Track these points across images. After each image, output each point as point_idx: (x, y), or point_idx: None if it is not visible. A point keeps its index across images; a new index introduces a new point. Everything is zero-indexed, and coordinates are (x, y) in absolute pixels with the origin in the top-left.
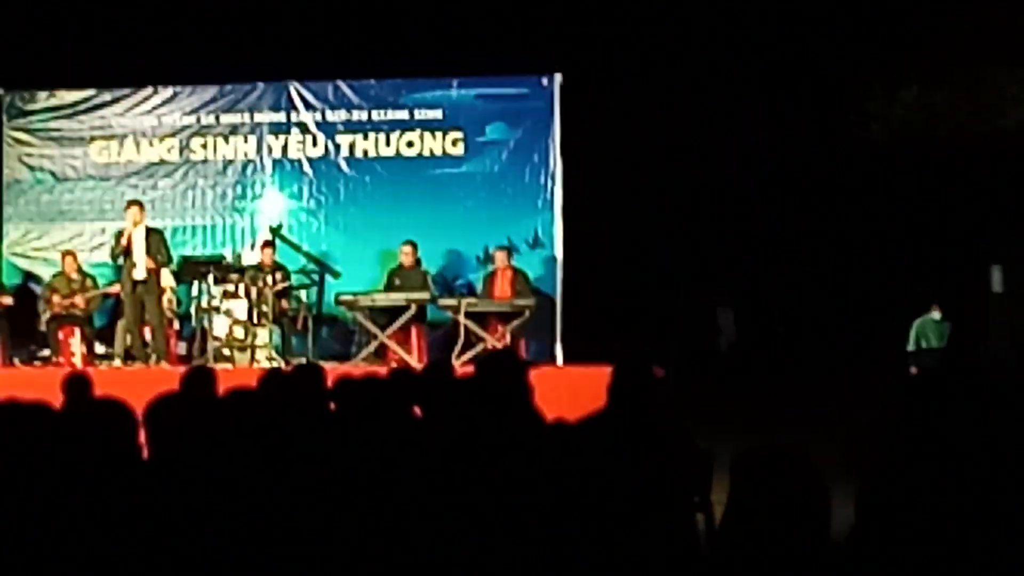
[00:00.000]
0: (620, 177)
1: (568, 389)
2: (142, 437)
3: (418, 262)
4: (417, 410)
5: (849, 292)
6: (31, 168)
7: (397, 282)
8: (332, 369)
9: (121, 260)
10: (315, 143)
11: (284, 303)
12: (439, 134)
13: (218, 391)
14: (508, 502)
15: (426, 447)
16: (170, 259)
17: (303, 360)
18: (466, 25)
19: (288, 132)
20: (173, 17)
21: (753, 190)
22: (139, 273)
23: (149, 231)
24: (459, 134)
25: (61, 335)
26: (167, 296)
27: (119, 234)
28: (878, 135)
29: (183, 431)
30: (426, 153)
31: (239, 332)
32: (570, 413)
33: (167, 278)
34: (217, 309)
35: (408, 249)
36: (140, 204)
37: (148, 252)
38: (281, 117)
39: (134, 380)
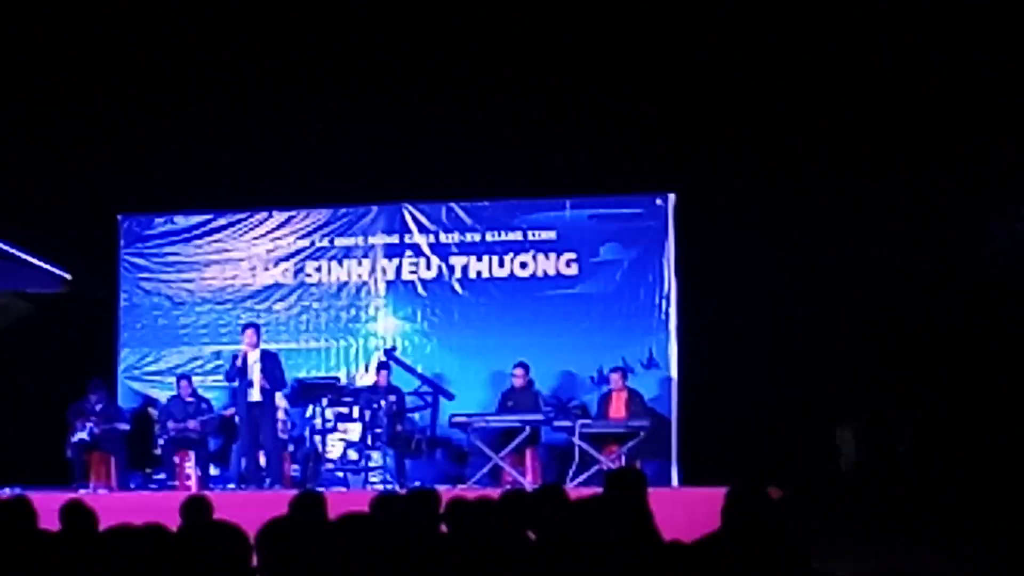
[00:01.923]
0: (736, 296)
1: (684, 511)
2: (255, 561)
3: (530, 383)
4: (531, 533)
5: (972, 409)
6: (148, 292)
7: (510, 403)
8: (446, 491)
9: (236, 382)
10: (429, 265)
11: (399, 425)
12: (553, 255)
13: (327, 515)
14: None
15: (541, 570)
16: (285, 382)
17: (417, 483)
18: (580, 145)
19: (402, 254)
20: (288, 141)
21: (872, 308)
22: (254, 395)
23: (264, 353)
24: (573, 255)
25: (176, 458)
26: (281, 418)
27: (235, 357)
28: (1000, 251)
29: (295, 555)
30: (540, 274)
31: (353, 455)
32: (686, 535)
33: (281, 401)
34: (331, 431)
35: (520, 371)
36: (256, 327)
37: (263, 374)
38: (395, 239)
39: (248, 504)
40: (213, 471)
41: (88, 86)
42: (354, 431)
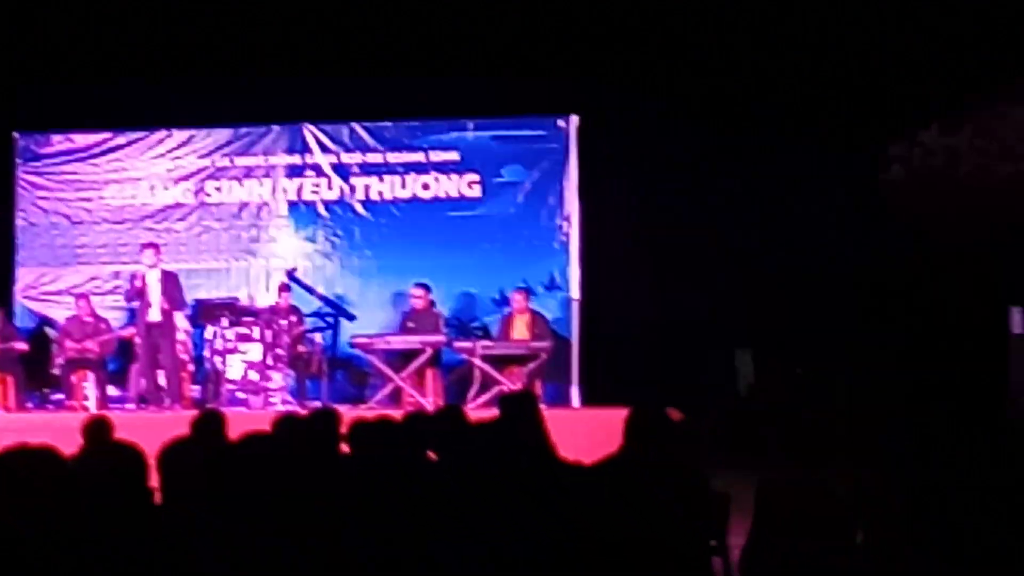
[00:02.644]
0: (637, 219)
1: (585, 432)
2: (155, 481)
3: (431, 304)
4: (431, 454)
5: (866, 332)
6: (45, 211)
7: (410, 325)
8: (347, 412)
9: (136, 303)
10: (330, 186)
11: (299, 346)
12: (455, 176)
13: (229, 435)
14: (524, 544)
15: (441, 491)
16: (184, 302)
17: (318, 404)
18: (483, 67)
19: (303, 175)
20: (189, 60)
21: (772, 231)
22: (154, 316)
23: (164, 274)
24: (475, 176)
25: (75, 379)
26: (181, 339)
27: (134, 277)
28: (899, 176)
29: (196, 476)
30: (442, 195)
31: (254, 375)
32: (586, 456)
33: (181, 321)
34: (231, 352)
35: (420, 292)
36: (156, 246)
37: (163, 294)
38: (296, 159)
39: (148, 424)
40: (112, 391)
41: None
42: (255, 352)
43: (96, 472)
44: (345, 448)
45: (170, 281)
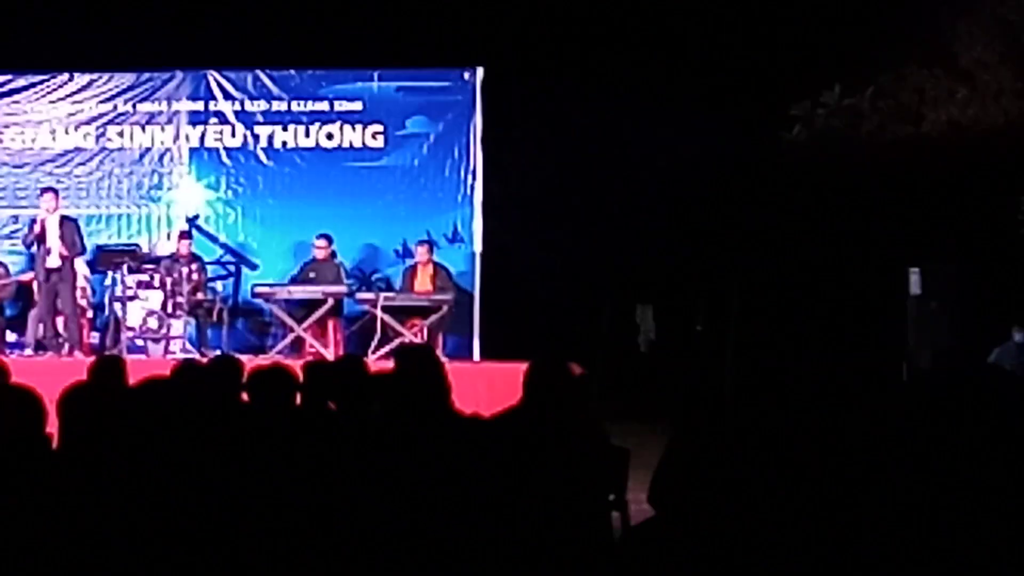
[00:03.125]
0: (540, 173)
1: (485, 385)
2: (52, 427)
3: (332, 255)
4: (331, 404)
5: (766, 291)
6: None
7: (312, 275)
8: (248, 361)
9: (35, 248)
10: (234, 133)
11: (200, 294)
12: (359, 127)
13: (128, 381)
14: (422, 498)
15: (339, 441)
16: (84, 248)
17: (218, 352)
18: (388, 17)
19: (206, 122)
20: (90, 1)
21: (674, 188)
22: (53, 261)
23: (63, 219)
24: (379, 127)
25: None
26: (81, 285)
27: (33, 221)
28: (800, 137)
29: (94, 421)
30: (345, 145)
31: (153, 323)
32: (487, 409)
33: (81, 267)
34: (131, 299)
35: (322, 242)
36: (55, 191)
37: (62, 240)
38: (199, 106)
39: (46, 370)
40: (10, 337)
41: None
42: (155, 299)
43: None
44: (245, 397)
45: (69, 226)
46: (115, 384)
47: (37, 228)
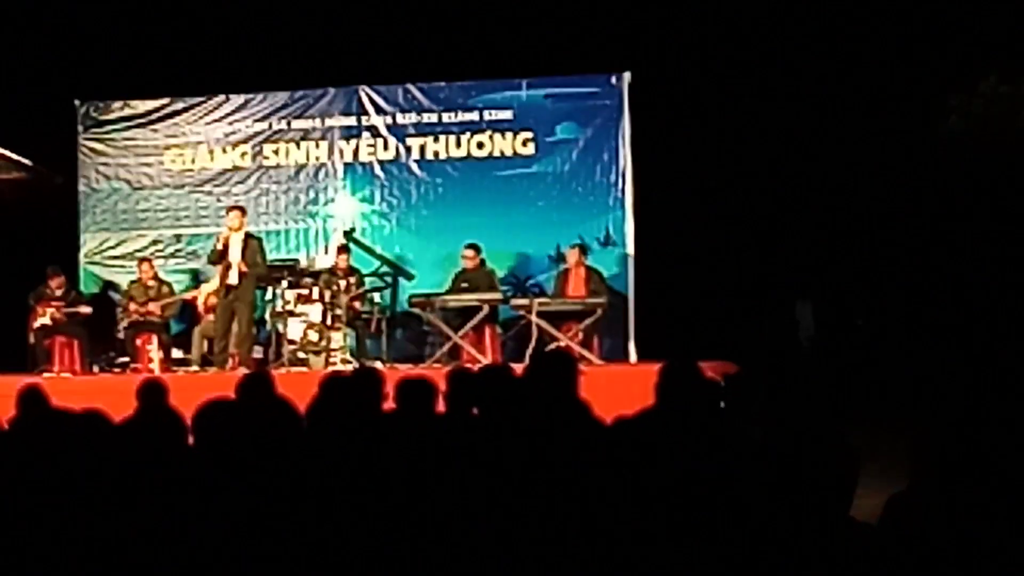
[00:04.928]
0: (692, 173)
1: (641, 387)
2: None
3: (481, 263)
4: (475, 410)
5: (927, 284)
6: (107, 178)
7: (464, 285)
8: (407, 371)
9: (219, 265)
10: (386, 146)
11: (358, 306)
12: (509, 135)
13: (276, 395)
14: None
15: (481, 446)
16: (263, 265)
17: (378, 363)
18: (535, 25)
19: (359, 136)
20: (244, 26)
21: (831, 183)
22: (232, 278)
23: (248, 236)
24: (529, 134)
25: (139, 342)
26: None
27: (217, 239)
28: (957, 127)
29: (231, 436)
30: (496, 154)
31: (314, 336)
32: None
33: None
34: (292, 313)
35: (470, 252)
36: (242, 209)
37: (243, 257)
38: (352, 121)
39: (210, 385)
40: (176, 353)
41: None
42: (315, 312)
43: (142, 433)
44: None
45: (252, 244)
46: (259, 399)
47: (220, 245)
